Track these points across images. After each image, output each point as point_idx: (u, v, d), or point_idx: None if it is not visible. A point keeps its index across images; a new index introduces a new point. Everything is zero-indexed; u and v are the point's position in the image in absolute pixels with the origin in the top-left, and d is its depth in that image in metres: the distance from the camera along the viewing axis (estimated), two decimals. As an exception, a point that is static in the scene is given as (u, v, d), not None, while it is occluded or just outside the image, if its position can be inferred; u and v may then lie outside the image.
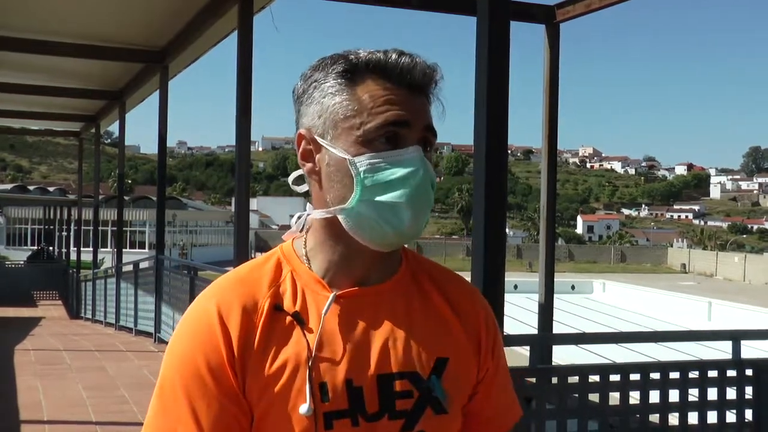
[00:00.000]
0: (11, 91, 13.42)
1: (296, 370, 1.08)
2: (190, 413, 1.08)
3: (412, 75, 1.11)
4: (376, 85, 1.11)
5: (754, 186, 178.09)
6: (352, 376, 1.10)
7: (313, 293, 1.15)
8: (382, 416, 1.10)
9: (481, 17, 3.33)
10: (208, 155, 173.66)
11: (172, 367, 1.11)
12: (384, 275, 1.18)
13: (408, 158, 1.09)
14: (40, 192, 44.01)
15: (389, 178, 1.09)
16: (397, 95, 1.10)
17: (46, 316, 17.90)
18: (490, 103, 3.28)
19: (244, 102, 6.96)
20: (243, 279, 1.16)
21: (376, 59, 1.11)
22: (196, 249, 54.57)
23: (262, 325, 1.11)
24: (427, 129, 1.12)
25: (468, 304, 1.23)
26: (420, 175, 1.09)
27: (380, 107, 1.09)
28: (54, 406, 6.58)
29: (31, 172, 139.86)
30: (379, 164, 1.09)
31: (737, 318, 24.94)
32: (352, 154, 1.10)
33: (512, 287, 29.68)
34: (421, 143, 1.11)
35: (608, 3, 6.81)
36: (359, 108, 1.10)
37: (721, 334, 4.59)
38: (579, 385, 3.64)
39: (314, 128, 1.14)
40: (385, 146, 1.10)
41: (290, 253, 1.19)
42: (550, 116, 7.60)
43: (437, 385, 1.13)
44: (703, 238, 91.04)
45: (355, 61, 1.12)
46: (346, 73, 1.12)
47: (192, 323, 1.13)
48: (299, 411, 1.06)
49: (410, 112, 1.10)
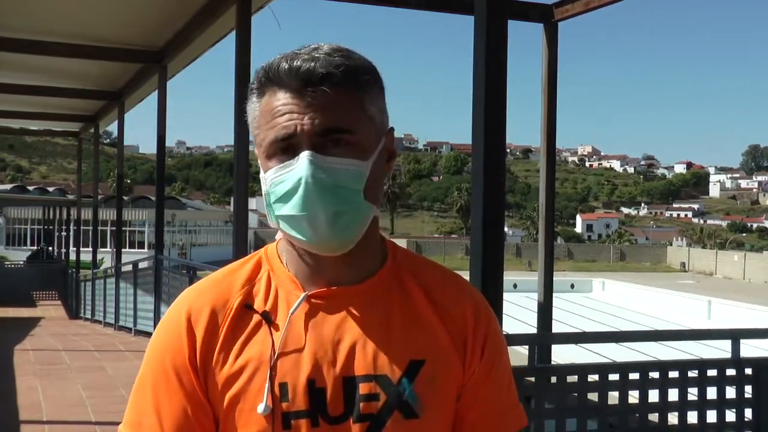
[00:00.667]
0: (10, 91, 13.41)
1: (257, 370, 1.08)
2: (154, 408, 1.12)
3: (292, 77, 1.05)
4: (270, 97, 1.09)
5: (754, 184, 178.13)
6: (315, 376, 1.08)
7: (286, 292, 1.14)
8: (345, 419, 1.08)
9: (479, 16, 3.33)
10: (207, 155, 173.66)
11: (146, 364, 1.16)
12: (361, 275, 1.15)
13: (295, 167, 1.05)
14: (39, 192, 44.08)
15: (283, 191, 1.07)
16: (285, 104, 1.06)
17: (46, 316, 17.90)
18: (488, 102, 3.28)
19: (242, 101, 6.93)
20: (220, 280, 1.17)
21: (268, 67, 1.09)
22: (195, 249, 54.57)
23: (228, 324, 1.12)
24: (325, 130, 1.06)
25: (454, 302, 1.19)
26: (303, 181, 1.04)
27: (271, 121, 1.07)
28: (53, 406, 6.58)
29: (31, 172, 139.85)
30: (276, 178, 1.08)
31: (737, 317, 24.96)
32: (264, 169, 1.10)
33: (511, 286, 29.66)
34: (318, 145, 1.05)
35: (607, 1, 6.81)
36: (259, 123, 1.10)
37: (721, 333, 4.60)
38: (578, 384, 3.65)
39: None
40: (284, 158, 1.07)
41: (273, 253, 1.20)
42: (549, 115, 7.60)
43: (408, 389, 1.10)
44: (703, 236, 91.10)
45: (260, 75, 1.10)
46: (257, 89, 1.11)
47: (164, 324, 1.16)
48: (257, 410, 1.07)
49: (296, 120, 1.05)
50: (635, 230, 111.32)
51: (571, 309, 26.79)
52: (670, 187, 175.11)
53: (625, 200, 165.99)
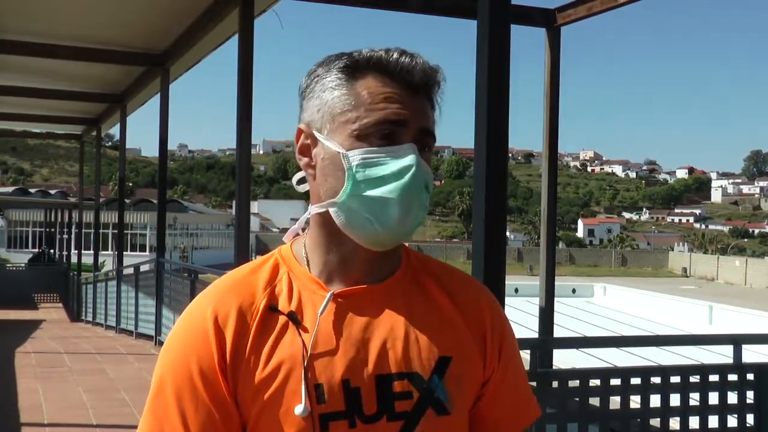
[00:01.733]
0: (13, 94, 13.44)
1: (291, 371, 1.07)
2: (178, 415, 1.08)
3: (411, 75, 1.10)
4: (375, 81, 1.10)
5: (756, 190, 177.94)
6: (350, 376, 1.08)
7: (309, 293, 1.14)
8: (380, 418, 1.08)
9: (482, 21, 3.33)
10: (209, 158, 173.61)
11: (165, 368, 1.11)
12: (383, 274, 1.16)
13: (402, 154, 1.08)
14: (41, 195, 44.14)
15: (381, 173, 1.08)
16: (396, 94, 1.10)
17: (47, 318, 17.89)
18: (490, 106, 3.28)
19: (244, 105, 6.96)
20: (240, 281, 1.15)
21: (378, 57, 1.11)
22: (196, 252, 54.55)
23: (256, 327, 1.10)
24: (423, 131, 1.11)
25: (473, 301, 1.21)
26: (412, 171, 1.08)
27: (378, 104, 1.09)
28: (54, 408, 6.58)
29: (33, 174, 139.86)
30: (372, 159, 1.08)
31: (738, 322, 24.92)
32: (347, 148, 1.09)
33: (513, 291, 29.66)
34: (416, 143, 1.10)
35: (609, 6, 6.82)
36: (357, 103, 1.10)
37: (723, 338, 4.58)
38: (580, 389, 3.64)
39: (312, 123, 1.14)
40: (380, 143, 1.09)
41: (288, 255, 1.19)
42: (551, 119, 7.60)
43: (439, 386, 1.11)
44: (704, 241, 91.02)
45: (356, 58, 1.12)
46: (347, 69, 1.11)
47: (188, 326, 1.13)
48: (294, 412, 1.05)
49: (408, 112, 1.09)
50: (637, 235, 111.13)
51: (572, 314, 26.76)
52: (672, 193, 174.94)
53: (626, 205, 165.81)
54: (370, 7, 7.42)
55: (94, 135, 19.01)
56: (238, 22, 7.04)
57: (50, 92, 13.48)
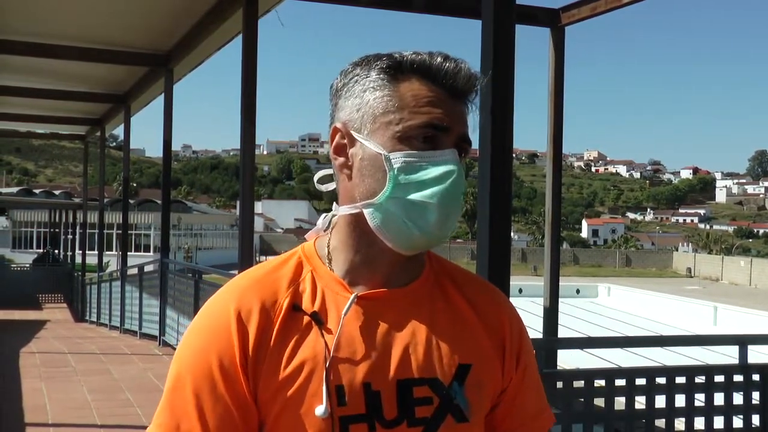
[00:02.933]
0: (17, 94, 13.46)
1: (313, 372, 1.06)
2: (195, 410, 1.06)
3: (455, 80, 1.10)
4: (419, 84, 1.10)
5: (760, 190, 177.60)
6: (371, 379, 1.07)
7: (333, 294, 1.13)
8: (400, 423, 1.07)
9: (486, 20, 3.32)
10: (213, 158, 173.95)
11: (185, 363, 1.10)
12: (407, 278, 1.16)
13: (444, 160, 1.08)
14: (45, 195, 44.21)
15: (423, 178, 1.07)
16: (440, 98, 1.09)
17: (52, 319, 17.91)
18: (495, 106, 3.27)
19: (248, 105, 6.96)
20: (263, 278, 1.14)
21: (421, 60, 1.10)
22: (200, 252, 54.62)
23: (279, 325, 1.09)
24: (463, 137, 1.11)
25: (492, 308, 1.21)
26: (453, 178, 1.08)
27: (423, 107, 1.08)
28: (59, 408, 6.58)
29: (37, 175, 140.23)
30: (415, 162, 1.08)
31: (743, 323, 24.85)
32: (388, 149, 1.08)
33: (517, 291, 29.62)
34: (457, 149, 1.10)
35: (614, 6, 6.80)
36: (400, 104, 1.09)
37: (728, 339, 4.57)
38: (584, 389, 3.63)
39: (350, 122, 1.12)
40: (422, 146, 1.08)
41: (311, 253, 1.18)
42: (555, 120, 7.59)
43: (459, 393, 1.11)
44: (709, 242, 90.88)
45: (399, 59, 1.11)
46: (389, 69, 1.11)
47: (209, 321, 1.11)
48: (315, 413, 1.04)
49: (450, 118, 1.09)
50: (641, 235, 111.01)
51: (576, 314, 26.72)
52: (676, 193, 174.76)
53: (631, 205, 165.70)
54: (375, 7, 7.42)
55: (98, 135, 19.04)
56: (241, 22, 7.03)
57: (54, 93, 13.50)
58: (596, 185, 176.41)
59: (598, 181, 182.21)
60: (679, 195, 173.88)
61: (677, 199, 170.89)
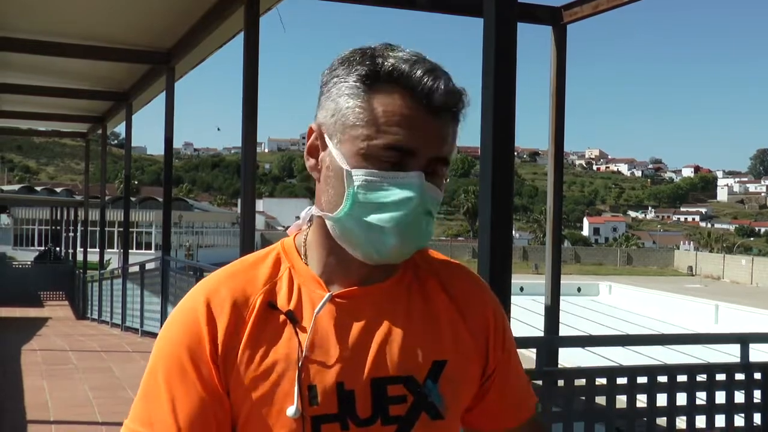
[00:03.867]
0: (19, 92, 13.47)
1: (285, 371, 1.06)
2: (168, 401, 1.07)
3: (432, 96, 1.04)
4: (393, 98, 1.05)
5: (762, 188, 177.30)
6: (344, 379, 1.07)
7: (309, 292, 1.12)
8: (374, 421, 1.07)
9: (488, 19, 3.32)
10: (215, 156, 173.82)
11: (158, 356, 1.11)
12: (384, 275, 1.15)
13: (406, 183, 1.04)
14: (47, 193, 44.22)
15: (382, 200, 1.04)
16: (412, 117, 1.04)
17: (53, 316, 17.94)
18: (496, 104, 3.27)
19: (250, 103, 6.96)
20: (239, 273, 1.14)
21: (400, 71, 1.05)
22: (202, 250, 54.63)
23: (252, 322, 1.08)
24: (436, 158, 1.07)
25: (476, 302, 1.20)
26: (414, 203, 1.04)
27: (390, 127, 1.04)
28: (60, 406, 6.59)
29: (39, 173, 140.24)
30: (375, 182, 1.04)
31: (744, 321, 24.88)
32: (352, 165, 1.05)
33: (518, 289, 29.68)
34: (425, 170, 1.06)
35: (615, 4, 6.79)
36: (370, 119, 1.05)
37: (730, 337, 4.57)
38: (586, 387, 3.63)
39: (325, 126, 1.10)
40: (386, 166, 1.05)
41: (291, 249, 1.17)
42: (557, 118, 7.58)
43: (433, 390, 1.10)
44: (710, 240, 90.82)
45: (379, 67, 1.06)
46: (366, 78, 1.06)
47: (181, 314, 1.11)
48: (286, 413, 1.04)
49: (420, 139, 1.05)
50: (642, 234, 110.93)
51: (577, 312, 26.75)
52: (678, 191, 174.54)
53: (632, 204, 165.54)
54: (377, 5, 7.41)
55: (99, 133, 19.06)
56: (243, 20, 7.03)
57: (56, 90, 13.50)
58: (597, 183, 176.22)
59: (600, 179, 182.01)
60: (681, 193, 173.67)
61: (678, 198, 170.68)
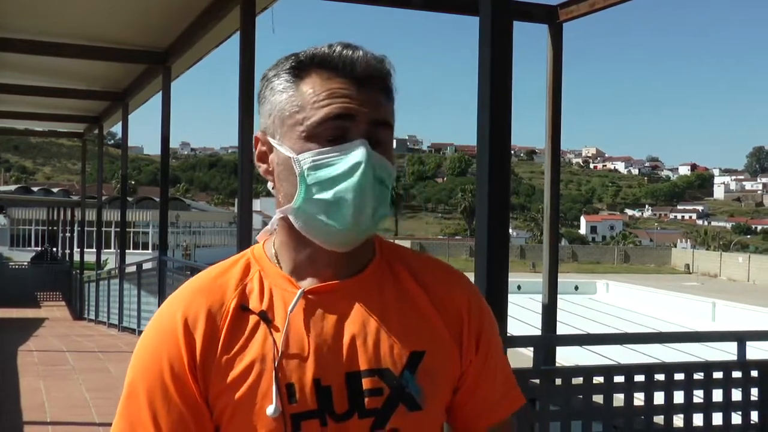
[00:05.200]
0: (15, 92, 13.43)
1: (262, 371, 1.06)
2: (150, 417, 1.08)
3: (354, 66, 1.08)
4: (320, 79, 1.08)
5: (758, 186, 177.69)
6: (321, 375, 1.07)
7: (281, 291, 1.12)
8: (351, 416, 1.07)
9: (484, 17, 3.32)
10: (211, 156, 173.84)
11: (136, 371, 1.11)
12: (356, 268, 1.15)
13: (350, 150, 1.06)
14: (43, 193, 44.09)
15: (331, 174, 1.06)
16: (342, 88, 1.07)
17: (50, 317, 17.91)
18: (493, 103, 3.27)
19: (246, 103, 6.95)
20: (210, 282, 1.15)
21: (320, 53, 1.09)
22: (199, 250, 54.65)
23: (227, 328, 1.09)
24: (375, 123, 1.09)
25: (447, 291, 1.19)
26: (361, 168, 1.05)
27: (322, 101, 1.07)
28: (57, 407, 6.58)
29: (35, 173, 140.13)
30: (321, 160, 1.06)
31: (741, 319, 24.90)
32: (297, 151, 1.08)
33: (515, 288, 29.66)
34: (368, 137, 1.07)
35: (612, 2, 6.79)
36: (302, 103, 1.08)
37: (727, 335, 4.57)
38: (583, 386, 3.63)
39: (267, 128, 1.13)
40: (329, 142, 1.07)
41: (260, 254, 1.18)
42: (554, 116, 7.58)
43: (410, 381, 1.10)
44: (707, 238, 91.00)
45: (302, 57, 1.10)
46: (293, 70, 1.10)
47: (157, 329, 1.12)
48: (266, 412, 1.04)
49: (354, 105, 1.07)
50: (639, 232, 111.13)
51: (575, 311, 26.75)
52: (675, 189, 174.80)
53: (629, 202, 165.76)
54: (372, 4, 7.40)
55: (96, 133, 19.01)
56: (239, 20, 7.02)
57: (52, 90, 13.47)
58: (594, 182, 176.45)
59: (597, 177, 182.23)
60: (678, 191, 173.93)
61: (675, 196, 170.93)
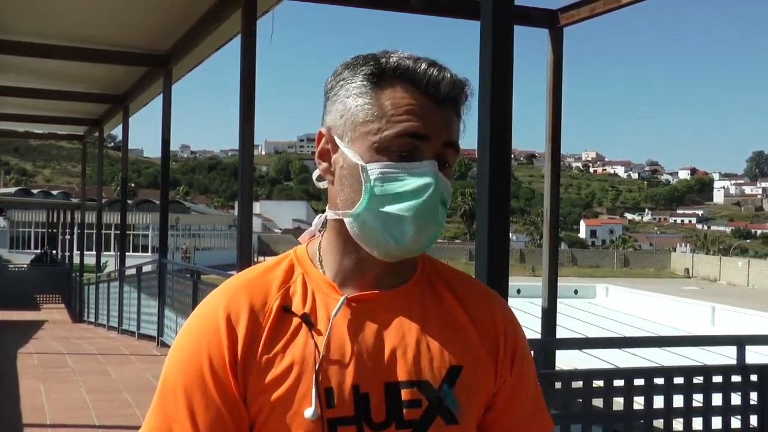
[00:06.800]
0: (15, 94, 13.44)
1: (302, 374, 1.06)
2: (187, 413, 1.07)
3: (438, 87, 1.08)
4: (401, 92, 1.08)
5: (758, 191, 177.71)
6: (360, 382, 1.07)
7: (323, 296, 1.13)
8: (389, 425, 1.07)
9: (485, 21, 3.33)
10: (212, 159, 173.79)
11: (175, 366, 1.11)
12: (398, 279, 1.15)
13: (421, 172, 1.07)
14: (43, 195, 44.16)
15: (399, 190, 1.06)
16: (421, 106, 1.08)
17: (50, 319, 17.88)
18: (493, 107, 3.27)
19: (247, 106, 6.96)
20: (254, 280, 1.15)
21: (405, 66, 1.09)
22: (198, 252, 54.57)
23: (269, 327, 1.09)
24: (446, 144, 1.09)
25: (486, 310, 1.20)
26: (431, 190, 1.06)
27: (400, 116, 1.07)
28: (57, 409, 6.58)
29: (35, 175, 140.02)
30: (391, 174, 1.07)
31: (740, 323, 24.87)
32: (366, 160, 1.08)
33: (515, 291, 29.60)
34: (438, 158, 1.09)
35: (612, 7, 6.80)
36: (379, 113, 1.08)
37: (726, 340, 4.58)
38: (583, 389, 3.63)
39: (334, 128, 1.12)
40: (400, 157, 1.07)
41: (303, 256, 1.18)
42: (554, 120, 7.59)
43: (449, 395, 1.10)
44: (707, 242, 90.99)
45: (384, 65, 1.10)
46: (372, 77, 1.10)
47: (199, 324, 1.12)
48: (304, 415, 1.04)
49: (430, 126, 1.08)
50: (639, 236, 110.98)
51: (574, 315, 26.71)
52: (674, 193, 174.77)
53: (629, 206, 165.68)
54: (373, 7, 7.42)
55: (96, 136, 19.02)
56: (240, 23, 7.03)
57: (53, 93, 13.48)
58: (594, 186, 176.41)
59: (596, 181, 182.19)
60: (677, 196, 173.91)
61: (675, 200, 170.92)
